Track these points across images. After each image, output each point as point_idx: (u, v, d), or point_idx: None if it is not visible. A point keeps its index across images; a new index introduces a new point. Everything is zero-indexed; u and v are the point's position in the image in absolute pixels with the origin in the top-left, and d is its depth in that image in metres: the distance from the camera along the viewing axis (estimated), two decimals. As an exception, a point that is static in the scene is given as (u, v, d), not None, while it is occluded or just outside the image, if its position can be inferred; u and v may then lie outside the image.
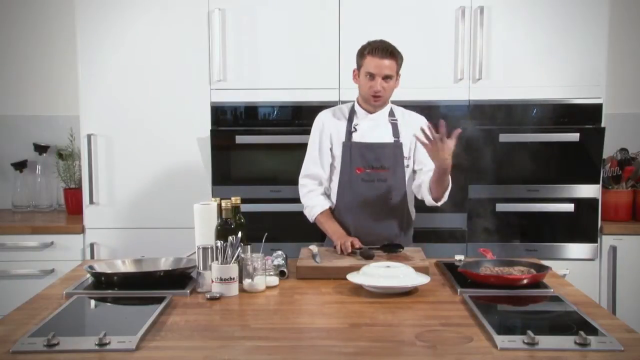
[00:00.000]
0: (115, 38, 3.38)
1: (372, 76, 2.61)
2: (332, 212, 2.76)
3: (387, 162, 2.70)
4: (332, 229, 2.69)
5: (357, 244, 2.56)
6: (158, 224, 3.41)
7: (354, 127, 2.73)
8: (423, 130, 2.41)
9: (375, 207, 2.70)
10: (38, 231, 3.42)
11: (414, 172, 2.76)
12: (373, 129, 2.73)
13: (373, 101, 2.67)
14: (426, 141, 2.40)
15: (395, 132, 2.73)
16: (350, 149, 2.71)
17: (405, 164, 2.73)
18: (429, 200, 2.66)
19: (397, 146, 2.71)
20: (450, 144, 2.40)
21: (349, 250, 2.52)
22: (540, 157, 3.35)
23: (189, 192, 3.32)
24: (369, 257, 2.44)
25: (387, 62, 2.59)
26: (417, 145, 2.68)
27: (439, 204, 2.66)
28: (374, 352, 1.66)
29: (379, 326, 1.86)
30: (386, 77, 2.61)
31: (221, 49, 3.35)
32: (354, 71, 2.72)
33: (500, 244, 3.17)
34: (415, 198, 2.79)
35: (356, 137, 2.72)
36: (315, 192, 2.78)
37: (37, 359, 1.62)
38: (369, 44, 2.65)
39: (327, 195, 2.81)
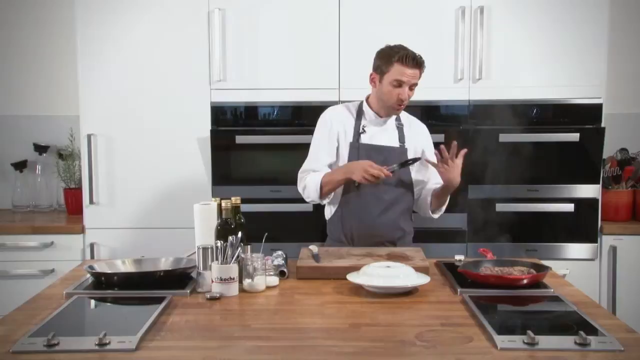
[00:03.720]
0: (115, 38, 3.38)
1: (400, 84, 2.58)
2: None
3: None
4: (342, 169, 2.64)
5: (384, 171, 2.53)
6: (158, 224, 3.41)
7: (363, 129, 2.71)
8: (436, 153, 2.57)
9: (380, 210, 2.69)
10: (38, 231, 3.43)
11: (416, 181, 2.77)
12: (381, 132, 2.72)
13: (397, 109, 2.66)
14: (436, 162, 2.56)
15: (401, 137, 2.73)
16: (358, 150, 2.69)
17: (410, 169, 2.73)
18: (425, 212, 2.76)
19: (402, 151, 2.71)
20: (459, 162, 2.56)
21: (386, 173, 2.51)
22: (540, 157, 3.35)
23: (189, 192, 3.32)
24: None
25: (417, 72, 2.58)
26: (423, 156, 2.72)
27: (435, 216, 2.77)
28: (374, 352, 1.66)
29: (379, 326, 1.86)
30: (412, 86, 2.60)
31: (221, 49, 3.35)
32: (371, 74, 2.66)
33: (500, 244, 3.17)
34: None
35: (364, 139, 2.70)
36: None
37: (37, 359, 1.62)
38: (397, 50, 2.57)
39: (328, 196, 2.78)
